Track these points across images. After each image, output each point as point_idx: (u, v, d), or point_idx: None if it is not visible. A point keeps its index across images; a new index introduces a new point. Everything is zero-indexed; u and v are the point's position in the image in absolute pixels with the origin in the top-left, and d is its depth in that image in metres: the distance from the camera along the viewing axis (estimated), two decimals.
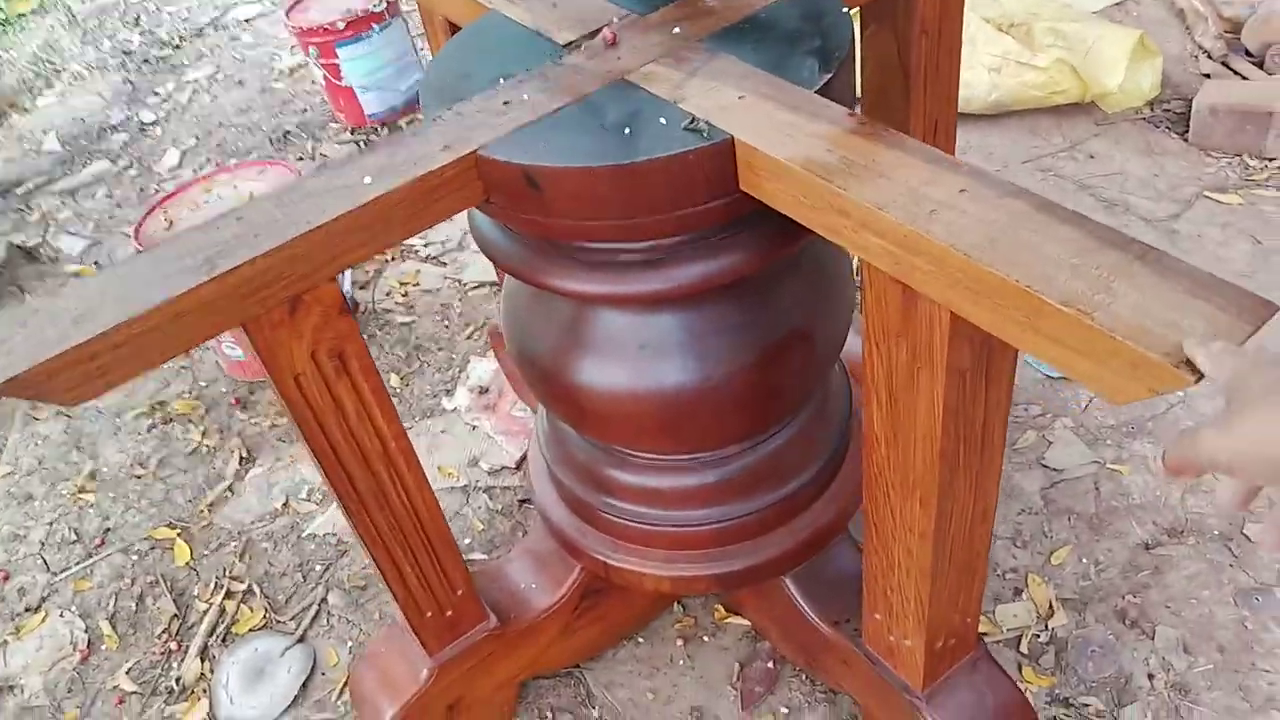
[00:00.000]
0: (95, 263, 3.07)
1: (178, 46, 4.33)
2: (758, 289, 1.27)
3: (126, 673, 1.91)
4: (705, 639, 1.79)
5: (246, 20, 4.45)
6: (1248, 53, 3.00)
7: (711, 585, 1.51)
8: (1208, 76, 2.94)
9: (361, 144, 3.40)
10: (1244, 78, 2.89)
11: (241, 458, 2.30)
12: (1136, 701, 1.61)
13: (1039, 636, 1.71)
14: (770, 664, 1.72)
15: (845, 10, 1.23)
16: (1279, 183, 2.54)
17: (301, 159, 3.38)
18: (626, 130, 1.07)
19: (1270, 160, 2.61)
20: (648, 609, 1.83)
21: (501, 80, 1.18)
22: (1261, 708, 1.57)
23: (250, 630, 1.94)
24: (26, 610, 2.07)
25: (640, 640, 1.81)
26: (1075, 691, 1.63)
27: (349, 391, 1.15)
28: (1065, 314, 0.79)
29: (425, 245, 2.84)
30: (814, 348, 1.34)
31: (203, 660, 1.91)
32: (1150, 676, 1.63)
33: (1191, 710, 1.58)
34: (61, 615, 2.04)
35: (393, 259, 2.81)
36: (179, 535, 2.15)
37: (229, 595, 2.01)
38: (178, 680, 1.89)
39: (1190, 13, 3.16)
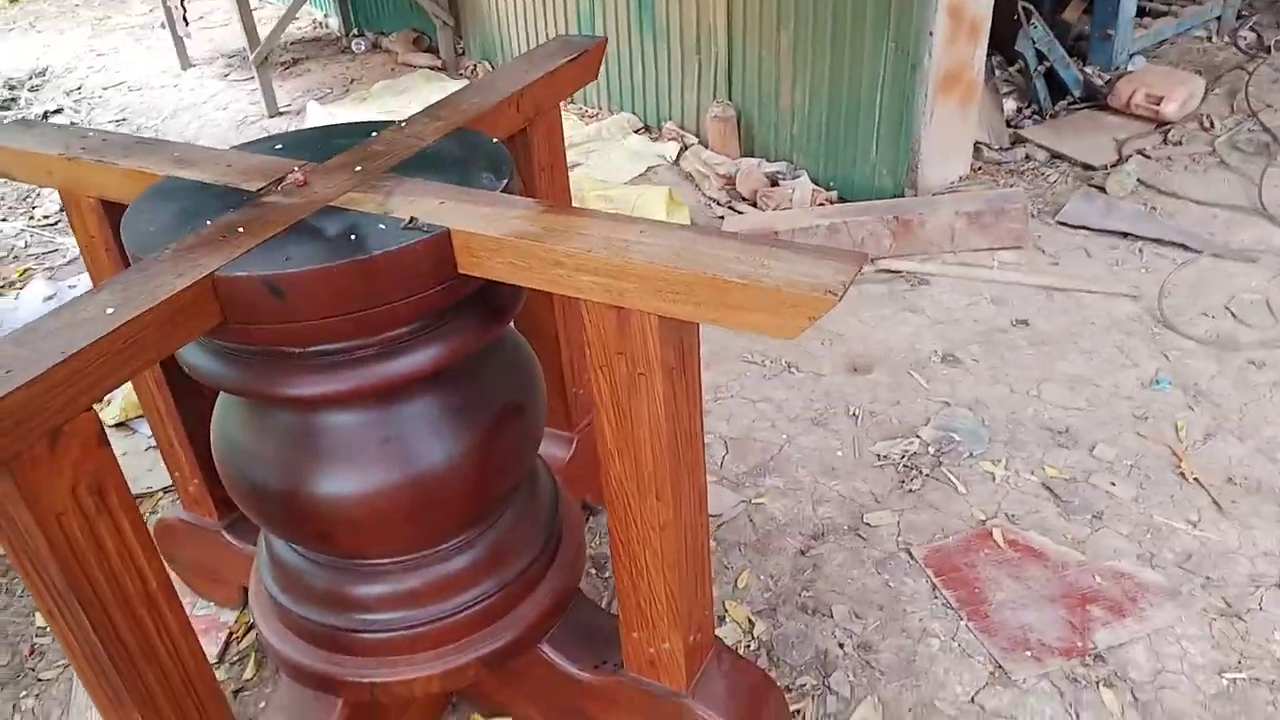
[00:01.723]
0: None
1: None
2: (474, 372, 1.46)
3: None
4: None
5: None
6: (743, 198, 3.85)
7: (480, 669, 1.58)
8: (722, 218, 3.71)
9: None
10: (742, 212, 3.70)
11: None
12: (838, 669, 1.93)
13: (750, 646, 1.98)
14: None
15: (497, 141, 1.52)
16: None
17: None
18: (352, 237, 1.24)
19: None
20: None
21: (209, 222, 1.29)
22: (920, 638, 1.97)
23: None
24: None
25: None
26: (791, 678, 1.92)
27: (110, 530, 1.13)
28: (745, 285, 1.10)
29: None
30: (527, 419, 1.54)
31: None
32: (840, 645, 1.97)
33: (878, 657, 1.94)
34: None
35: None
36: None
37: None
38: None
39: (696, 175, 3.99)
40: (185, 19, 5.66)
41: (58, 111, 5.36)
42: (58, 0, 7.88)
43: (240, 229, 1.26)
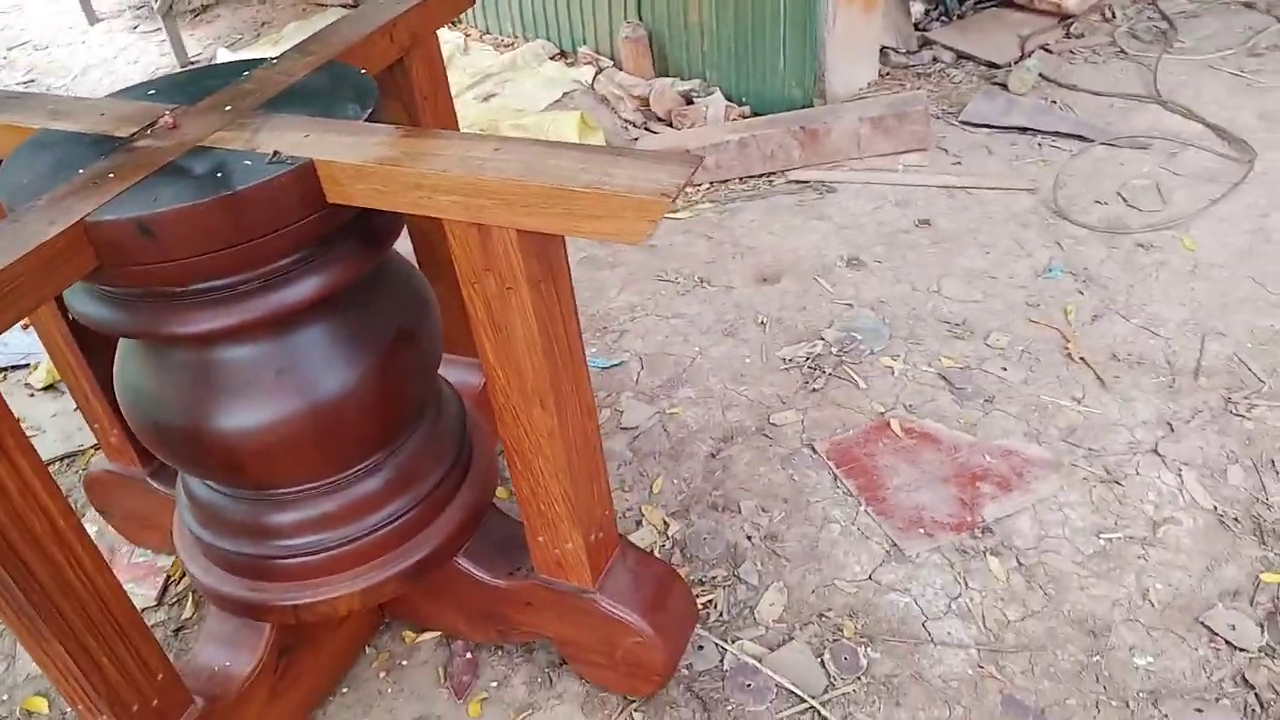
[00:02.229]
0: None
1: None
2: (363, 300, 1.51)
3: None
4: (404, 663, 1.92)
5: None
6: (658, 118, 3.88)
7: (399, 584, 1.67)
8: (637, 139, 3.75)
9: None
10: (657, 133, 3.74)
11: None
12: (746, 559, 2.05)
13: (665, 546, 2.10)
14: (468, 655, 1.90)
15: (363, 72, 1.55)
16: (709, 198, 3.33)
17: None
18: (218, 175, 1.28)
19: (697, 184, 3.42)
20: (344, 652, 1.91)
21: (81, 171, 1.32)
22: (822, 525, 2.10)
23: None
24: None
25: (345, 690, 1.88)
26: (704, 572, 2.03)
27: (9, 471, 1.18)
28: (590, 193, 1.16)
29: None
30: (422, 343, 1.61)
31: None
32: (748, 538, 2.09)
33: (783, 546, 2.06)
34: None
35: None
36: None
37: None
38: None
39: (611, 98, 4.00)
40: None
41: None
42: None
43: (110, 175, 1.30)
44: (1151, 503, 2.09)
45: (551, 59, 4.45)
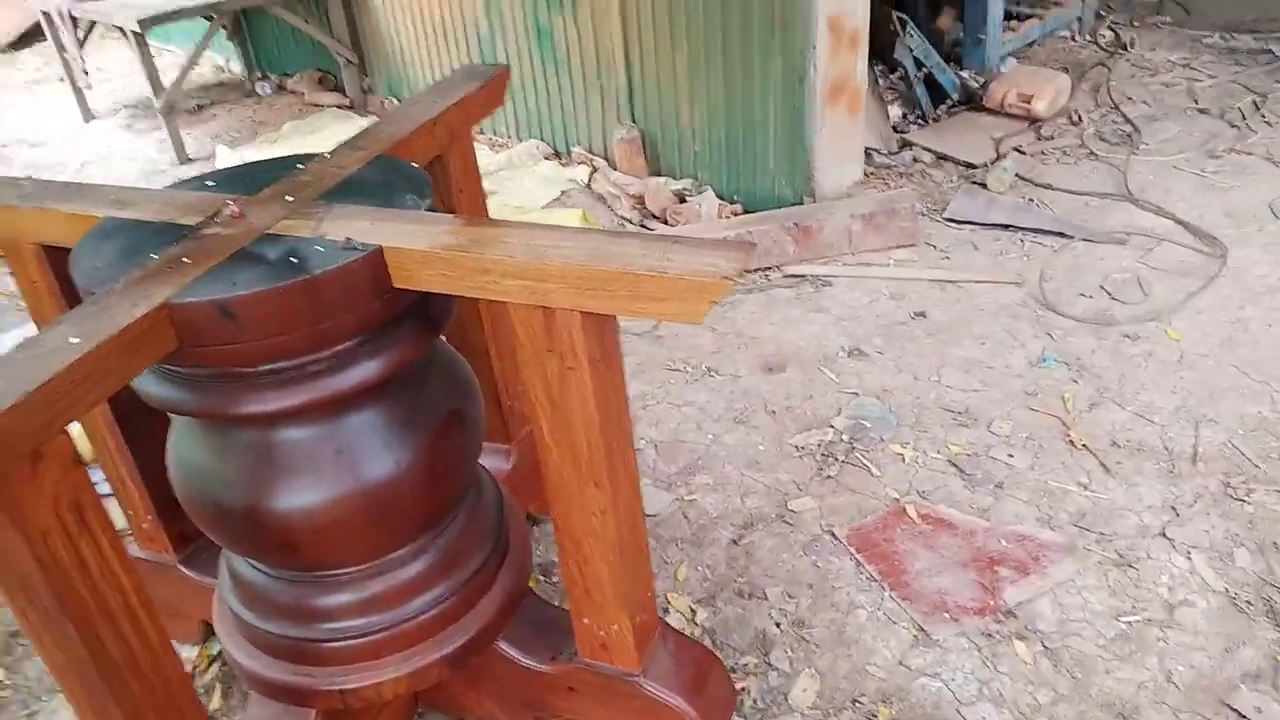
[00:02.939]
0: None
1: None
2: (417, 382, 1.55)
3: None
4: None
5: None
6: (653, 215, 4.00)
7: (445, 668, 1.65)
8: None
9: None
10: (653, 229, 3.85)
11: None
12: (776, 646, 2.05)
13: (694, 633, 2.09)
14: None
15: (416, 165, 1.62)
16: None
17: None
18: (292, 260, 1.33)
19: None
20: None
21: (154, 256, 1.36)
22: (849, 610, 2.12)
23: None
24: None
25: None
26: (735, 659, 2.03)
27: (91, 547, 1.19)
28: (654, 277, 1.22)
29: None
30: (469, 425, 1.64)
31: None
32: (777, 624, 2.10)
33: (812, 632, 2.07)
34: None
35: None
36: None
37: None
38: None
39: (608, 196, 4.13)
40: (85, 70, 5.58)
41: None
42: None
43: (185, 259, 1.34)
44: (1165, 585, 2.14)
45: (546, 159, 4.59)
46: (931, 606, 2.11)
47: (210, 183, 1.63)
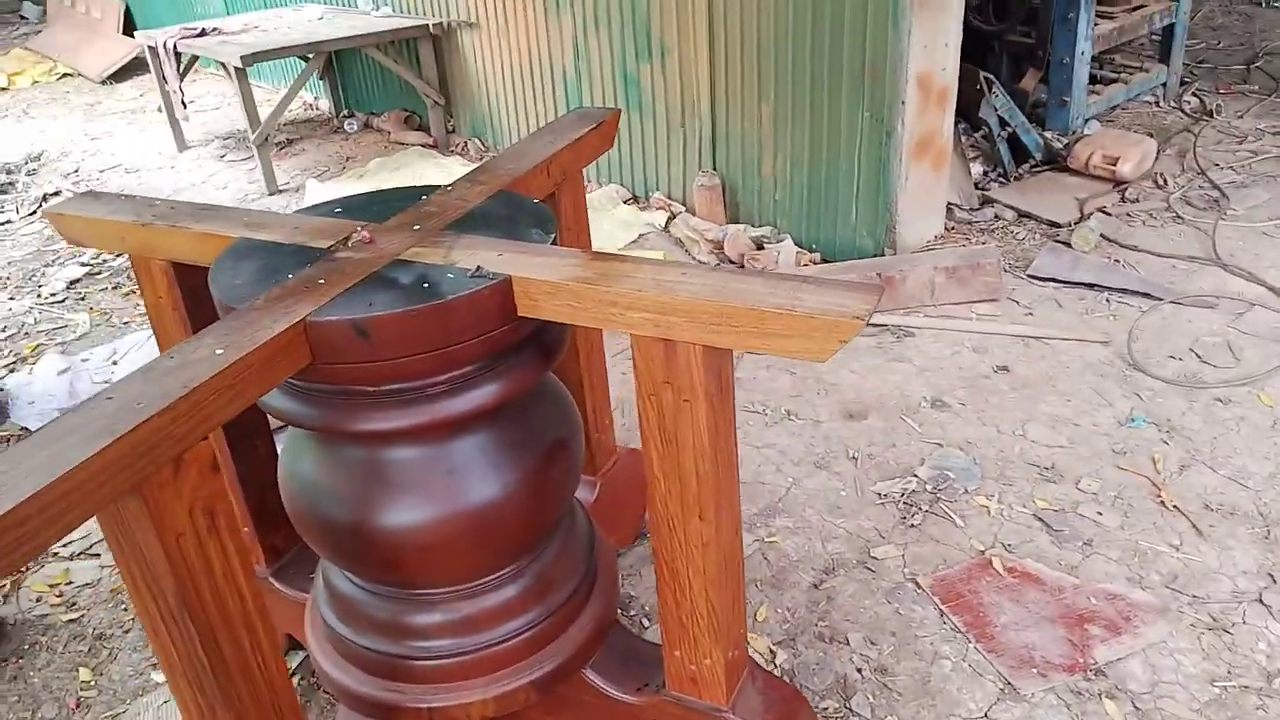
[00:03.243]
0: None
1: None
2: (526, 409, 1.59)
3: None
4: None
5: None
6: (731, 261, 4.05)
7: (531, 693, 1.68)
8: None
9: None
10: None
11: None
12: (858, 692, 2.04)
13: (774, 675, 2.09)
14: None
15: (538, 201, 1.68)
16: None
17: None
18: (425, 285, 1.38)
19: None
20: None
21: (290, 276, 1.43)
22: (933, 660, 2.09)
23: None
24: None
25: None
26: (815, 703, 2.02)
27: (218, 550, 1.24)
28: (781, 314, 1.25)
29: (65, 545, 2.65)
30: (571, 454, 1.67)
31: None
32: (858, 670, 2.08)
33: (894, 680, 2.05)
34: None
35: (29, 568, 2.57)
36: None
37: None
38: None
39: (686, 240, 4.19)
40: (184, 103, 5.84)
41: (56, 194, 5.48)
42: (49, 88, 8.08)
43: (321, 280, 1.40)
44: (1263, 653, 2.08)
45: (625, 202, 4.68)
46: (1019, 661, 2.07)
47: (338, 209, 1.71)
